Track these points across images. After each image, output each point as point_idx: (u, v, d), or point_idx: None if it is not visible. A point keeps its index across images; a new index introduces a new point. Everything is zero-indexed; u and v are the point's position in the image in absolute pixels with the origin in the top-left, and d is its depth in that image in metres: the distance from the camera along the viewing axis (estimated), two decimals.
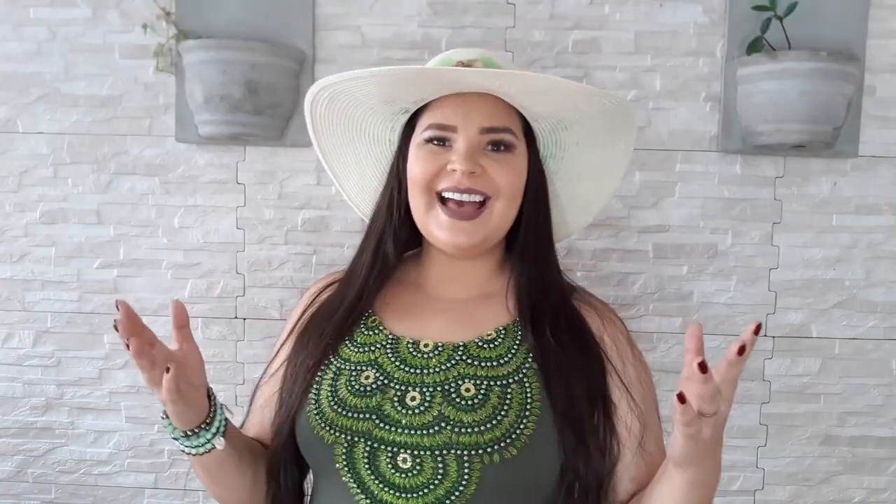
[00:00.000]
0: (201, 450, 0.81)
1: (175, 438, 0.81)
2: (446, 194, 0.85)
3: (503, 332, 0.88)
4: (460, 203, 0.84)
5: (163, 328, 1.69)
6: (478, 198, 0.84)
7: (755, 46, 1.45)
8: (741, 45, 1.48)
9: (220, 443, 0.81)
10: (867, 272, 1.55)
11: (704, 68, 1.53)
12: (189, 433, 0.79)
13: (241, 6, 1.51)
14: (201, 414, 0.80)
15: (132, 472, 1.62)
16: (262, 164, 1.56)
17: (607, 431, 0.84)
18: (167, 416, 0.80)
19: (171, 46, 1.49)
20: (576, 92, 0.86)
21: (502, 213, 0.86)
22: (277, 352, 0.95)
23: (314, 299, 0.95)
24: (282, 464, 0.88)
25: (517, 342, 0.87)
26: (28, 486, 1.63)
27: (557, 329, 0.87)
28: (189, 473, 1.61)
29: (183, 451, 0.82)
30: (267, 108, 1.45)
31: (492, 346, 0.87)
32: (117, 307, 0.72)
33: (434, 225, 0.85)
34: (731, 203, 1.55)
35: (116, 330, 0.72)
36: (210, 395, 0.82)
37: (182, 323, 0.79)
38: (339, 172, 1.00)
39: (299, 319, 0.94)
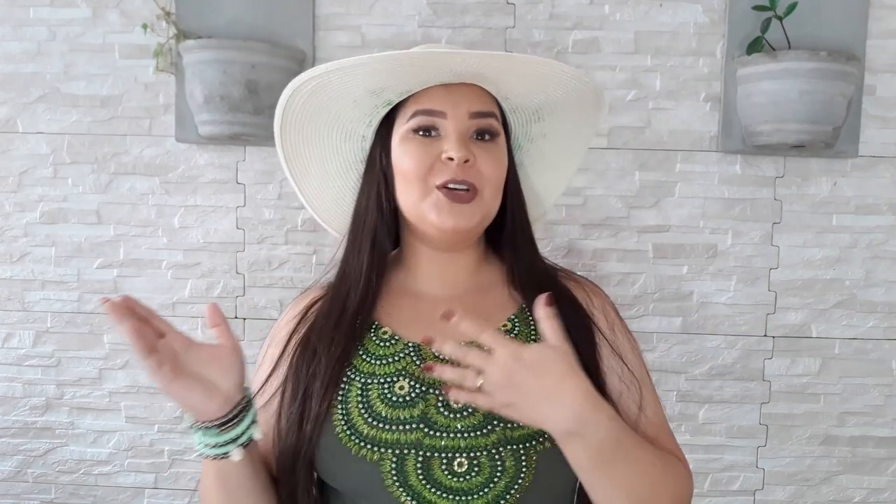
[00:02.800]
0: (214, 452, 0.77)
1: (196, 431, 0.77)
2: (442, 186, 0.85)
3: (516, 321, 0.89)
4: (455, 191, 0.84)
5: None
6: (467, 190, 0.85)
7: (755, 46, 1.45)
8: (741, 45, 1.48)
9: (236, 454, 0.76)
10: (867, 272, 1.55)
11: (704, 68, 1.53)
12: (203, 425, 0.76)
13: (241, 6, 1.51)
14: (216, 411, 0.75)
15: (132, 472, 1.62)
16: (262, 164, 1.56)
17: (608, 400, 0.84)
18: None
19: (171, 46, 1.49)
20: (567, 75, 0.87)
21: (490, 201, 0.87)
22: (264, 383, 0.89)
23: (299, 321, 0.92)
24: (302, 494, 0.83)
25: (532, 329, 0.88)
26: (28, 486, 1.63)
27: (558, 307, 0.87)
28: (188, 474, 1.61)
29: (199, 451, 0.77)
30: (267, 108, 1.45)
31: (512, 336, 0.88)
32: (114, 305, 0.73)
33: (433, 210, 0.84)
34: (731, 203, 1.55)
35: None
36: (243, 401, 0.78)
37: (216, 322, 0.74)
38: (299, 174, 0.97)
39: (287, 345, 0.89)
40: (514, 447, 0.80)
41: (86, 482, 1.63)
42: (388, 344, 0.87)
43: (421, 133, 0.85)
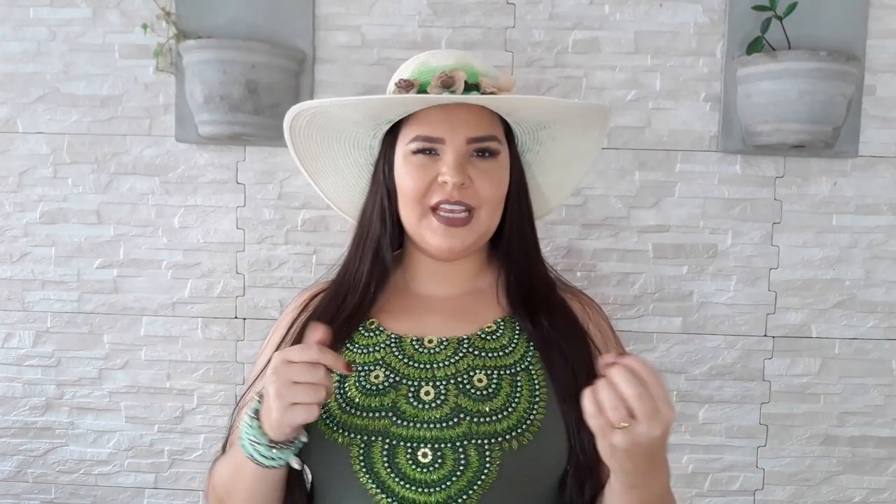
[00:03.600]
0: (276, 463, 0.77)
1: (256, 443, 0.76)
2: (438, 209, 0.87)
3: (502, 323, 0.91)
4: (451, 212, 0.87)
5: (162, 328, 1.70)
6: (465, 211, 0.87)
7: (755, 46, 1.45)
8: (741, 45, 1.48)
9: (296, 461, 0.79)
10: (867, 272, 1.55)
11: (704, 68, 1.53)
12: (276, 445, 0.76)
13: (241, 6, 1.51)
14: (299, 431, 0.78)
15: (132, 472, 1.62)
16: (262, 164, 1.56)
17: None
18: (256, 417, 0.77)
19: (171, 46, 1.49)
20: (558, 106, 0.90)
21: (488, 220, 0.89)
22: (265, 367, 0.90)
23: (301, 311, 0.94)
24: (293, 479, 0.85)
25: (517, 332, 0.90)
26: (28, 486, 1.63)
27: (550, 317, 0.89)
28: (188, 474, 1.61)
29: (254, 458, 0.77)
30: (267, 108, 1.45)
31: (494, 337, 0.89)
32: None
33: (428, 232, 0.87)
34: (731, 203, 1.55)
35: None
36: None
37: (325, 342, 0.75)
38: (314, 173, 1.01)
39: (288, 331, 0.92)
40: (479, 442, 0.80)
41: (86, 482, 1.63)
42: (372, 334, 0.89)
43: (423, 153, 0.87)
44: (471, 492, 0.79)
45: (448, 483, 0.79)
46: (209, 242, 1.58)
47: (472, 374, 0.85)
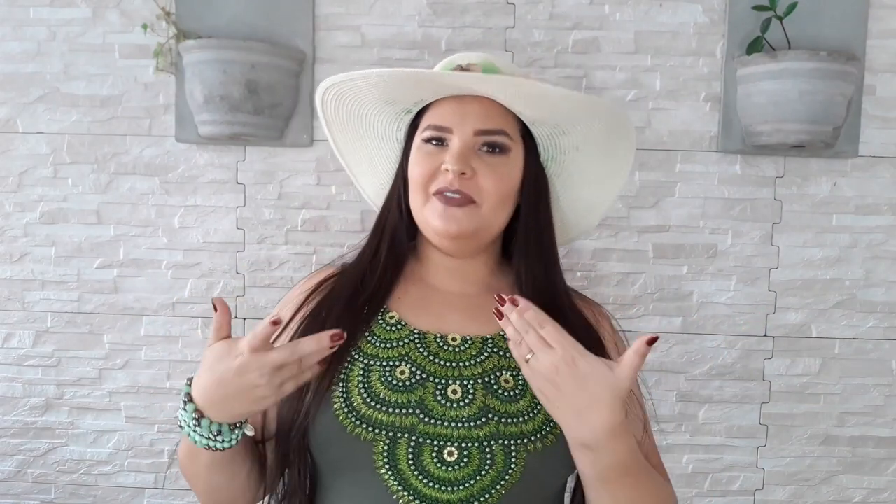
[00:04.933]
0: (234, 441, 0.78)
1: (210, 436, 0.77)
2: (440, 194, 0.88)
3: None
4: (450, 197, 0.88)
5: (162, 328, 1.70)
6: (465, 198, 0.88)
7: (755, 46, 1.45)
8: (741, 45, 1.48)
9: (249, 428, 0.80)
10: (867, 272, 1.55)
11: (704, 68, 1.53)
12: (233, 426, 0.78)
13: (241, 6, 1.51)
14: (248, 415, 0.79)
15: (132, 472, 1.62)
16: (262, 164, 1.56)
17: None
18: (201, 416, 0.76)
19: (171, 46, 1.49)
20: (565, 98, 0.88)
21: (490, 214, 0.89)
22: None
23: (309, 296, 0.94)
24: (293, 466, 0.86)
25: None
26: (28, 486, 1.64)
27: (568, 323, 0.89)
28: None
29: (210, 447, 0.77)
30: (267, 108, 1.45)
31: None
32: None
33: (430, 213, 0.88)
34: (731, 203, 1.55)
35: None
36: None
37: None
38: (353, 166, 1.04)
39: (292, 317, 0.91)
40: (506, 442, 0.81)
41: (86, 482, 1.63)
42: (393, 329, 0.89)
43: (433, 142, 0.88)
44: (493, 491, 0.79)
45: (471, 482, 0.79)
46: (209, 242, 1.58)
47: (498, 374, 0.85)
